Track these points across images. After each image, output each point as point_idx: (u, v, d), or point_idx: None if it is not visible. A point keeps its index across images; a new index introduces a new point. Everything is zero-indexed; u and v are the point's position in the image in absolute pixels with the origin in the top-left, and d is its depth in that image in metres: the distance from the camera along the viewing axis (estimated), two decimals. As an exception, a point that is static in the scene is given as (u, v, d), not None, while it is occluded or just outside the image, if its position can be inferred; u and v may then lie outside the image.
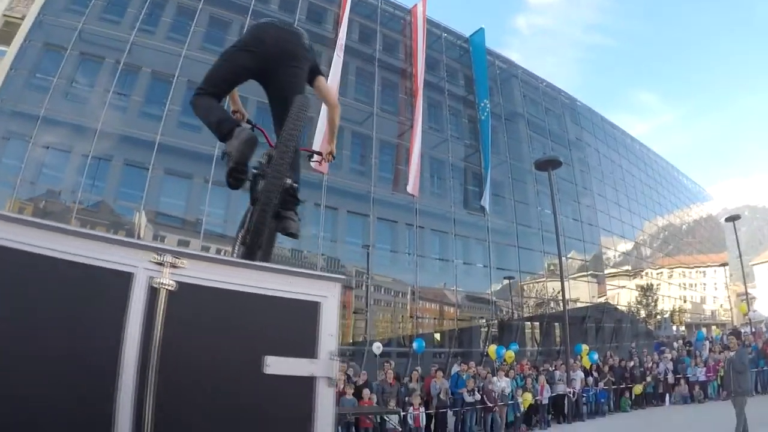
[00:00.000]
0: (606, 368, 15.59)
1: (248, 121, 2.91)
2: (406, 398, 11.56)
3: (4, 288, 1.43)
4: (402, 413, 10.77)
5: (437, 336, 21.56)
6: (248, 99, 4.89)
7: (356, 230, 19.06)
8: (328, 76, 18.30)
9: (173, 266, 1.65)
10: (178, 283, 1.64)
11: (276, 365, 1.70)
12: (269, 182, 2.24)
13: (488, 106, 23.45)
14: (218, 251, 16.59)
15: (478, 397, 12.00)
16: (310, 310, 1.81)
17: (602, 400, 14.64)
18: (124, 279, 1.57)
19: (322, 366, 1.79)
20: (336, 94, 3.54)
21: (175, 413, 1.54)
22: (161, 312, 1.58)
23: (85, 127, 15.61)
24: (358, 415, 10.50)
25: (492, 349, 16.21)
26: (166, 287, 1.61)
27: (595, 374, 15.17)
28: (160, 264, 1.62)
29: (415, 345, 16.28)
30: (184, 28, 18.03)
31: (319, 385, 1.78)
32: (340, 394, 10.86)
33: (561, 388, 13.87)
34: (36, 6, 17.50)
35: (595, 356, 16.57)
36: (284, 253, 16.94)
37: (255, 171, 2.58)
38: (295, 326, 1.81)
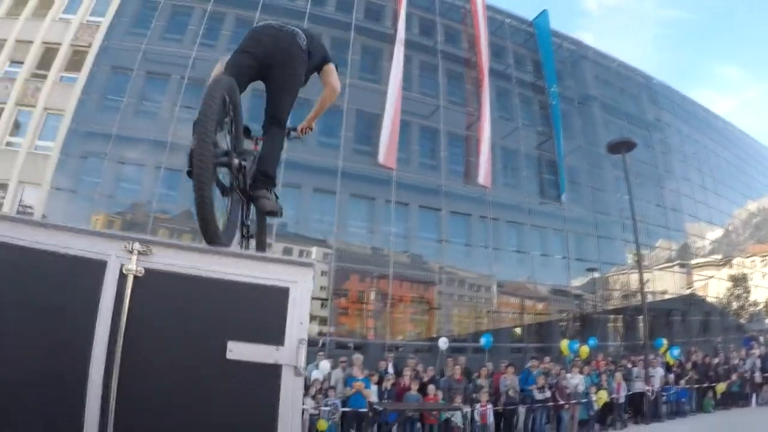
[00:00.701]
0: (689, 365, 14.43)
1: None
2: (473, 395, 11.12)
3: (3, 278, 1.64)
4: (466, 410, 10.31)
5: (517, 330, 20.82)
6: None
7: (429, 225, 18.70)
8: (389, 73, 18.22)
9: (141, 253, 1.74)
10: (147, 269, 1.72)
11: (238, 351, 1.68)
12: (196, 172, 2.18)
13: (558, 90, 22.40)
14: (301, 253, 16.92)
15: (548, 394, 11.40)
16: (278, 296, 1.77)
17: (683, 400, 13.56)
18: (99, 266, 1.69)
19: (288, 354, 1.72)
20: (338, 82, 3.43)
21: (138, 393, 1.60)
22: (127, 296, 1.67)
23: (157, 140, 16.31)
24: (420, 411, 10.21)
25: (564, 344, 15.43)
26: (133, 273, 1.70)
27: (677, 371, 14.07)
28: (130, 252, 1.72)
29: (482, 340, 15.64)
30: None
31: (284, 373, 1.72)
32: (405, 390, 10.67)
33: (639, 386, 12.96)
34: (100, 33, 18.65)
35: (677, 352, 15.33)
36: (360, 250, 17.02)
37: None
38: (262, 312, 1.77)
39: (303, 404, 9.30)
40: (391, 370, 11.68)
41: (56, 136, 17.63)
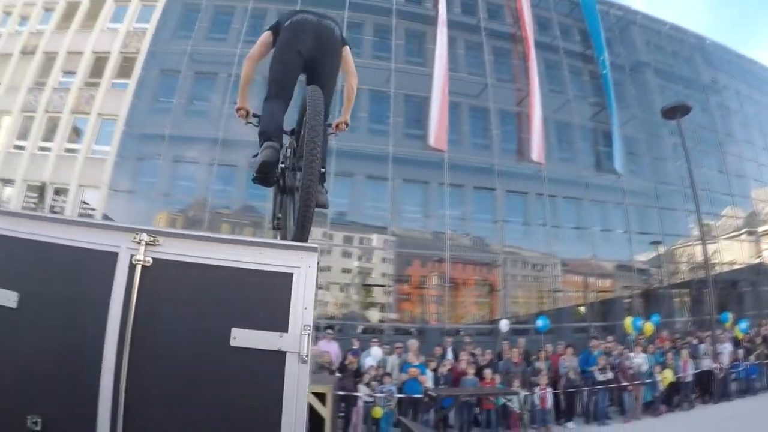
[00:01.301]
0: (759, 339, 13.52)
1: (255, 115, 3.08)
2: (532, 378, 10.69)
3: (24, 269, 1.80)
4: (522, 394, 9.94)
5: (580, 309, 20.16)
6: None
7: (485, 206, 18.24)
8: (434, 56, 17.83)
9: (149, 244, 1.80)
10: (154, 259, 1.79)
11: (243, 337, 1.68)
12: (305, 181, 2.36)
13: (608, 59, 21.43)
14: (346, 239, 16.88)
15: (610, 375, 10.82)
16: (281, 282, 1.74)
17: (753, 376, 12.58)
18: (110, 258, 1.78)
19: (292, 340, 1.70)
20: (353, 66, 3.25)
21: (146, 375, 1.65)
22: (136, 285, 1.74)
23: (209, 138, 16.50)
24: (475, 396, 9.86)
25: (628, 321, 14.78)
26: (141, 263, 1.77)
27: (747, 346, 13.20)
28: (138, 243, 1.78)
29: (539, 322, 15.16)
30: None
31: (288, 360, 1.70)
32: (462, 374, 10.37)
33: (707, 364, 12.13)
34: (147, 39, 19.05)
35: (745, 325, 14.48)
36: (420, 235, 16.79)
37: (282, 165, 2.82)
38: (267, 298, 1.76)
39: (357, 391, 9.29)
40: (450, 355, 11.46)
41: (111, 141, 18.13)
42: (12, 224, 1.88)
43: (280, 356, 1.70)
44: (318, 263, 1.80)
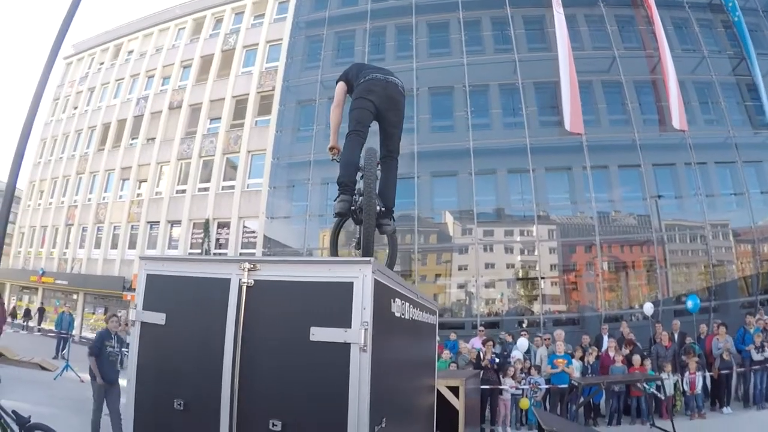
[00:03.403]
0: None
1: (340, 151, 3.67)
2: (684, 361, 9.95)
3: (169, 296, 2.53)
4: (675, 379, 9.33)
5: (742, 285, 18.62)
6: None
7: (632, 183, 17.55)
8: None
9: (251, 270, 2.31)
10: (255, 281, 2.30)
11: (319, 334, 2.13)
12: (365, 223, 3.22)
13: (737, 2, 19.64)
14: (486, 233, 17.11)
15: None
16: (345, 289, 2.15)
17: None
18: (225, 282, 2.33)
19: (354, 334, 2.08)
20: None
21: (252, 367, 2.22)
22: (243, 301, 2.28)
23: None
24: (617, 383, 9.32)
25: None
26: (246, 284, 2.29)
27: None
28: (243, 270, 2.31)
29: (689, 303, 13.71)
30: (407, 44, 19.00)
31: (352, 350, 2.08)
32: (610, 362, 9.89)
33: None
34: (279, 75, 20.50)
35: None
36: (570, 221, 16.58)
37: (357, 201, 3.45)
38: (335, 303, 2.15)
39: (503, 384, 9.31)
40: (606, 342, 11.02)
41: (262, 173, 19.84)
42: (159, 266, 2.65)
43: (345, 347, 2.08)
44: (373, 272, 2.16)
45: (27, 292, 29.13)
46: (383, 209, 3.56)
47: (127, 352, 8.64)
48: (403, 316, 2.85)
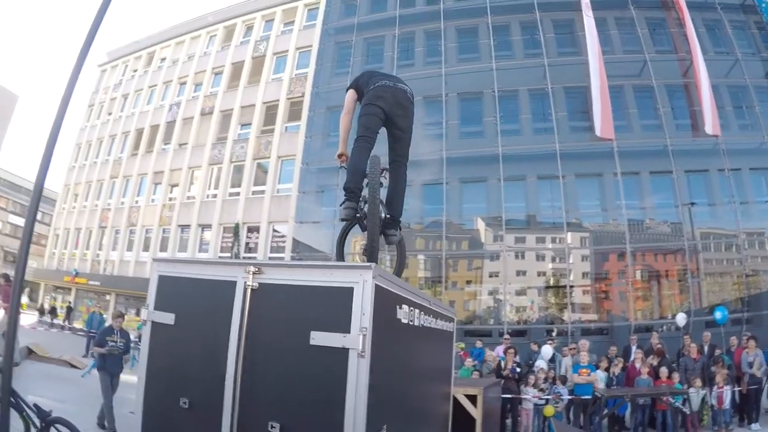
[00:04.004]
0: None
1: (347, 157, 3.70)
2: (712, 374, 9.57)
3: (178, 297, 2.62)
4: (699, 393, 9.02)
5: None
6: None
7: (664, 190, 17.31)
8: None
9: (256, 273, 2.35)
10: (260, 284, 2.33)
11: (318, 338, 2.14)
12: (369, 230, 3.27)
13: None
14: (517, 239, 17.09)
15: None
16: (345, 294, 2.15)
17: None
18: (231, 285, 2.38)
19: (353, 340, 2.08)
20: None
21: (254, 366, 2.26)
22: (248, 303, 2.32)
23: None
24: (642, 396, 9.03)
25: None
26: (251, 287, 2.33)
27: None
28: (248, 273, 2.35)
29: (717, 314, 13.46)
30: (436, 49, 19.10)
31: (350, 355, 2.07)
32: (636, 374, 9.60)
33: None
34: (309, 82, 20.79)
35: None
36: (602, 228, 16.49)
37: (363, 208, 3.44)
38: (335, 307, 2.14)
39: (525, 394, 9.16)
40: (634, 353, 10.70)
41: (292, 178, 20.16)
42: (170, 268, 2.73)
43: (344, 352, 2.08)
44: (373, 278, 2.15)
45: (60, 292, 30.08)
46: (389, 217, 3.61)
47: (132, 346, 9.11)
48: (411, 323, 2.79)
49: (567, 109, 17.71)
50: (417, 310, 2.92)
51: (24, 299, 28.50)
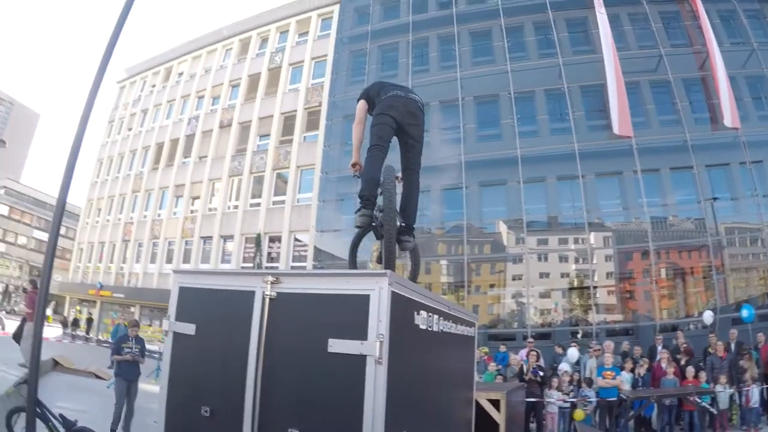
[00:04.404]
0: None
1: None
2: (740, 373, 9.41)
3: (199, 308, 2.69)
4: (725, 392, 8.89)
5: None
6: None
7: (686, 186, 17.19)
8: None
9: (274, 282, 2.39)
10: (278, 293, 2.38)
11: (336, 345, 2.17)
12: (386, 238, 3.30)
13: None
14: (539, 241, 17.09)
15: None
16: (362, 302, 2.17)
17: None
18: (250, 295, 2.44)
19: (370, 347, 2.10)
20: None
21: (273, 373, 2.31)
22: (266, 312, 2.38)
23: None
24: (667, 396, 8.92)
25: None
26: (269, 296, 2.39)
27: None
28: (266, 282, 2.40)
29: (744, 312, 13.26)
30: (451, 53, 19.22)
31: (368, 362, 2.10)
32: (662, 374, 9.49)
33: None
34: (325, 91, 21.03)
35: None
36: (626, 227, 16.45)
37: (378, 216, 3.54)
38: (351, 315, 2.18)
39: (550, 398, 9.13)
40: (660, 353, 10.52)
41: (312, 187, 20.41)
42: (191, 279, 2.83)
43: (361, 359, 2.11)
44: (389, 285, 2.17)
45: (86, 305, 30.73)
46: (403, 225, 3.69)
47: (157, 357, 9.30)
48: (430, 329, 2.80)
49: (584, 108, 17.67)
50: (436, 316, 2.92)
51: (48, 312, 29.17)
